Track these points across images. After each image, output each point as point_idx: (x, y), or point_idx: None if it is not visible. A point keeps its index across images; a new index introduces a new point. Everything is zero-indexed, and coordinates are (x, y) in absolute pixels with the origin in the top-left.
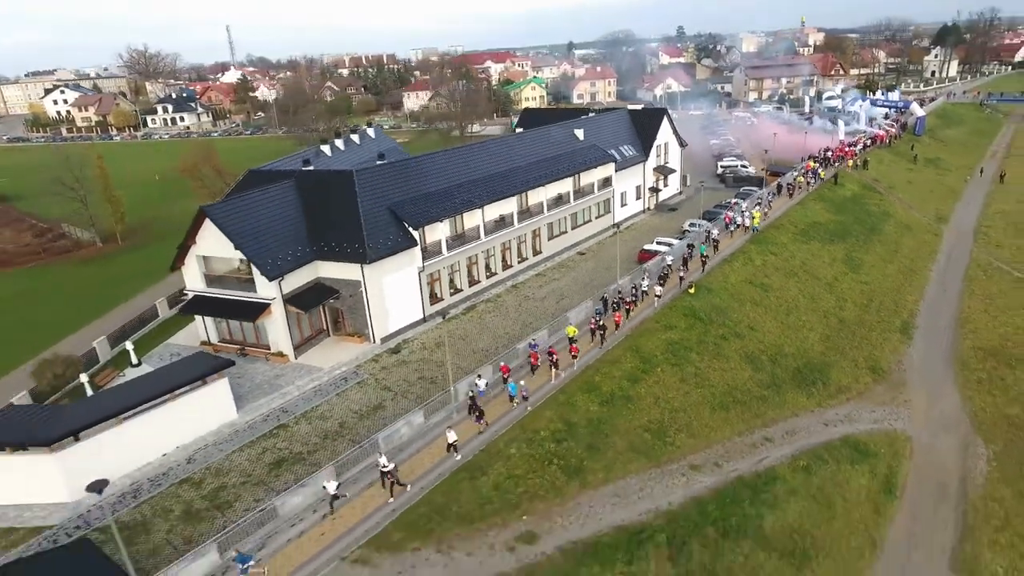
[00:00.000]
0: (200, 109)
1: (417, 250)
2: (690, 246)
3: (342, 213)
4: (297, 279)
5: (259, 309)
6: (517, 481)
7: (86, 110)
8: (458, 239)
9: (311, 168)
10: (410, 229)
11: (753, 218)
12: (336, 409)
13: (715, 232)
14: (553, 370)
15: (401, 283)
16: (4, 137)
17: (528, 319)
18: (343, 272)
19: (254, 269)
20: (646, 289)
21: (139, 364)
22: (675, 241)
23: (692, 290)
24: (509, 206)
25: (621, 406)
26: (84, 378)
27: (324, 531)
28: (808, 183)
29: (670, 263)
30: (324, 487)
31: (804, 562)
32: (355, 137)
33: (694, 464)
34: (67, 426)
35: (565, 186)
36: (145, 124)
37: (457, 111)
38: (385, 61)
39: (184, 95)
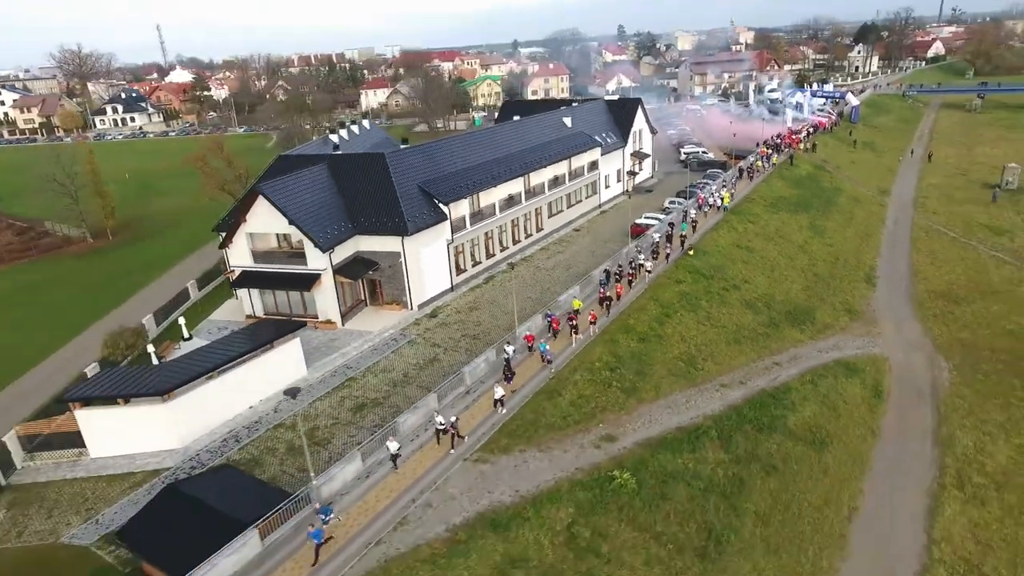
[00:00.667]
0: (151, 109)
1: (447, 224)
2: (671, 224)
3: (378, 191)
4: (341, 252)
5: (312, 280)
6: (587, 399)
7: (28, 111)
8: (477, 215)
9: (340, 152)
10: (440, 205)
11: (723, 198)
12: (396, 363)
13: (692, 213)
14: (573, 335)
15: (434, 254)
16: None
17: (544, 285)
18: (383, 245)
19: (306, 242)
20: (642, 262)
21: (190, 338)
22: (662, 216)
23: (691, 252)
24: (517, 186)
25: (655, 343)
26: (151, 348)
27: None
28: (763, 166)
29: (658, 239)
30: (387, 446)
31: (822, 447)
32: (355, 128)
33: (723, 383)
34: (173, 380)
35: (561, 168)
36: (93, 125)
37: (426, 107)
38: (335, 60)
39: (133, 95)
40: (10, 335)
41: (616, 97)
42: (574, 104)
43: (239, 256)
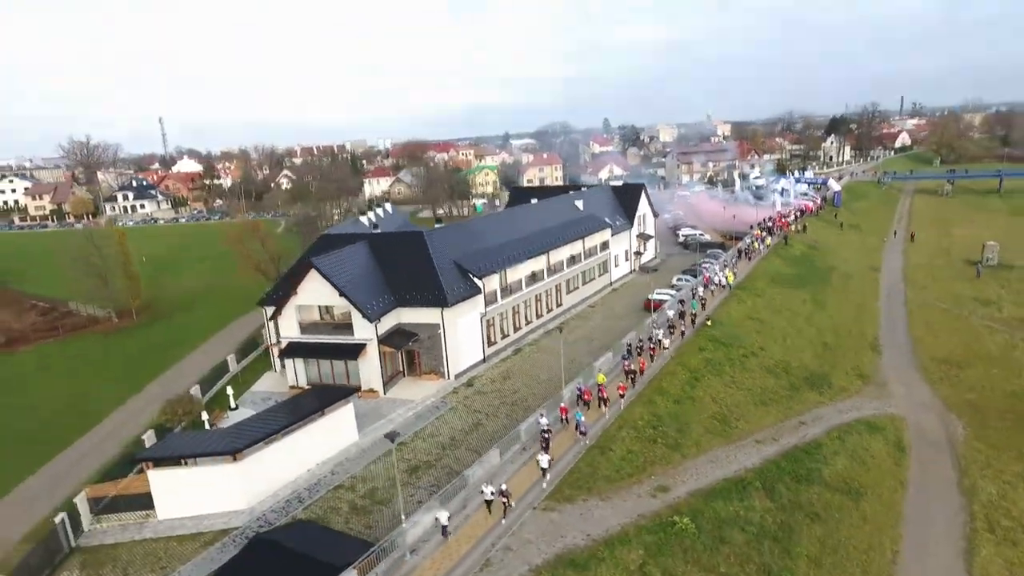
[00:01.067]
0: (160, 197)
1: (481, 297)
2: (681, 302)
3: (417, 266)
4: (384, 323)
5: (358, 349)
6: (636, 454)
7: (40, 198)
8: (506, 290)
9: (379, 231)
10: (474, 279)
11: (727, 277)
12: (442, 429)
13: (700, 291)
14: (604, 406)
15: (469, 326)
16: None
17: (569, 357)
18: (422, 317)
19: (353, 313)
20: (660, 338)
21: (236, 408)
22: (674, 292)
23: (710, 323)
24: (540, 263)
25: (689, 404)
26: (205, 415)
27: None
28: (759, 247)
29: (671, 316)
30: (436, 518)
31: (859, 497)
32: (380, 212)
33: (757, 440)
34: (241, 442)
35: (576, 248)
36: (103, 211)
37: (428, 194)
38: (336, 151)
39: (143, 183)
40: (55, 407)
41: (620, 183)
42: (583, 189)
43: (287, 328)
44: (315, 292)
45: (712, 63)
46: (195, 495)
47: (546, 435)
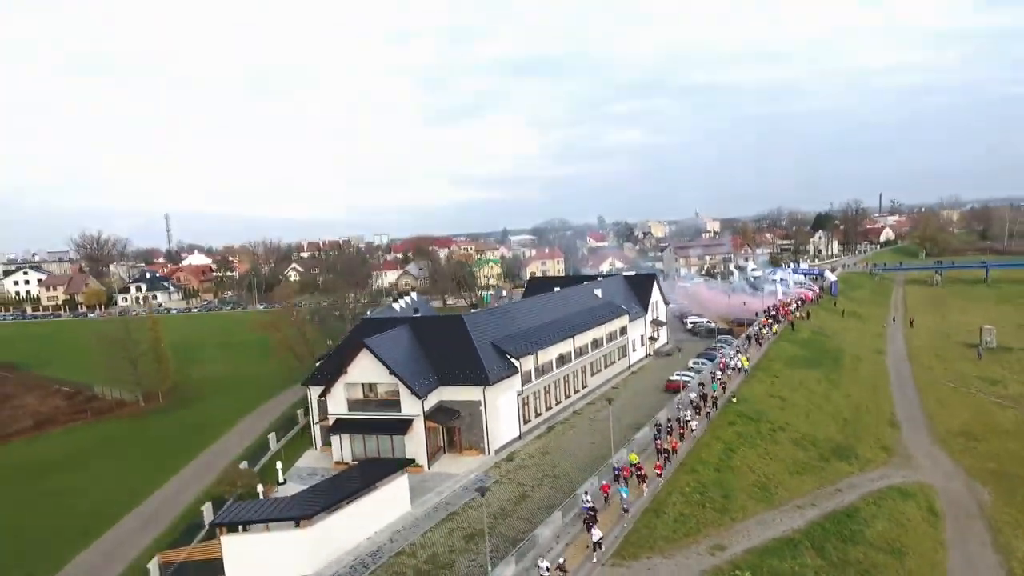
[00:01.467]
0: (172, 288)
1: (518, 376)
2: (701, 384)
3: (458, 347)
4: (428, 401)
5: (406, 425)
6: (687, 517)
7: (54, 289)
8: (539, 371)
9: (420, 315)
10: (511, 359)
11: (742, 361)
12: (490, 500)
13: (719, 374)
14: (642, 484)
15: (507, 404)
16: None
17: (602, 434)
18: (464, 395)
19: (402, 390)
20: (688, 419)
21: (284, 482)
22: (693, 374)
23: (735, 400)
24: (567, 346)
25: (728, 472)
26: (260, 488)
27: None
28: (767, 333)
29: (694, 397)
30: (538, 565)
31: (902, 556)
32: (407, 300)
33: (798, 505)
34: (307, 511)
35: (599, 332)
36: (115, 302)
37: (435, 286)
38: (342, 246)
39: (156, 276)
40: (98, 486)
41: (633, 273)
42: (599, 278)
43: (335, 405)
44: (365, 370)
45: (696, 164)
46: (265, 560)
47: (593, 512)
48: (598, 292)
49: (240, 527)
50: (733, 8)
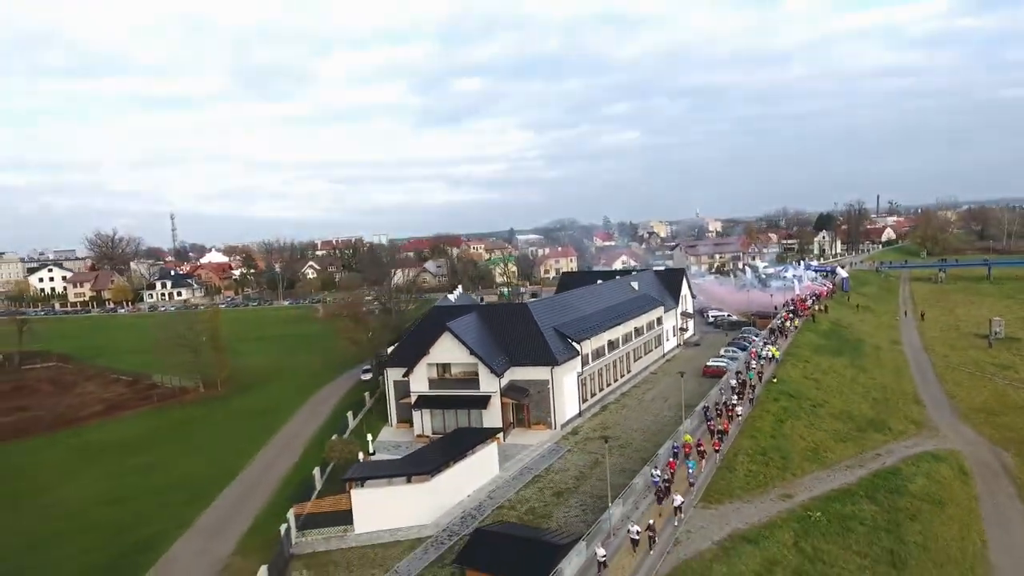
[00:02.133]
0: (196, 285)
1: (579, 359)
2: (738, 372)
3: (525, 332)
4: (503, 380)
5: (485, 400)
6: (755, 473)
7: (81, 286)
8: (594, 354)
9: (485, 303)
10: (573, 343)
11: (772, 352)
12: (568, 465)
13: (754, 363)
14: (701, 460)
15: (570, 384)
16: None
17: (653, 413)
18: (532, 374)
19: (481, 368)
20: (735, 404)
21: (374, 453)
22: (727, 360)
23: (775, 380)
24: (616, 333)
25: (782, 439)
26: (361, 456)
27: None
28: (789, 326)
29: (734, 384)
30: (629, 529)
31: (942, 505)
32: (455, 294)
33: (847, 465)
34: (428, 466)
35: (640, 322)
36: (141, 299)
37: (454, 283)
38: (355, 244)
39: (180, 273)
40: (188, 459)
41: (663, 268)
42: (633, 272)
43: (417, 384)
44: (446, 351)
45: (694, 165)
46: (389, 511)
47: (667, 483)
48: (635, 285)
49: (364, 482)
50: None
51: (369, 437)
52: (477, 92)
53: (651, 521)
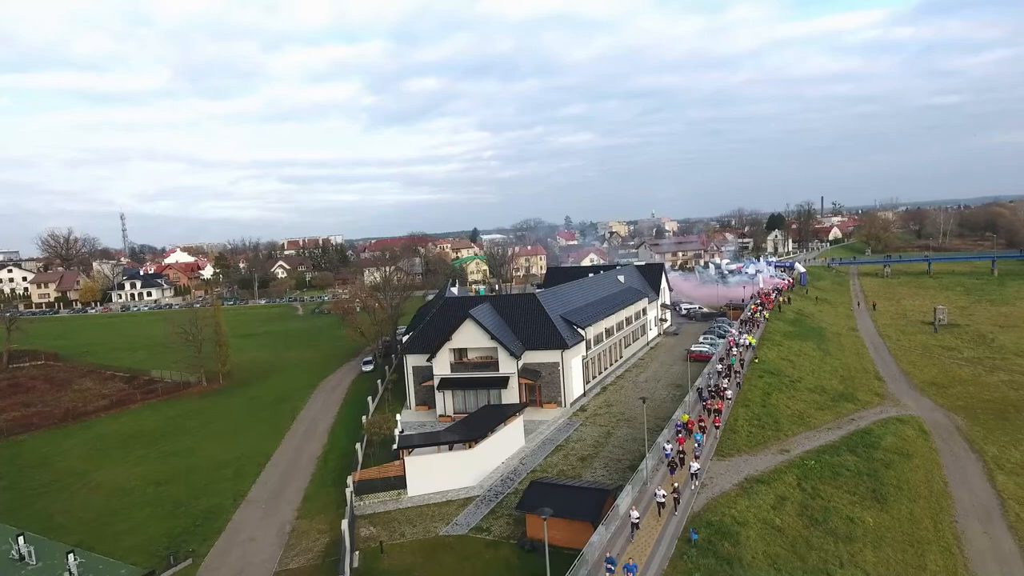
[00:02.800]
0: (165, 285)
1: (583, 343)
2: (721, 359)
3: (536, 319)
4: (519, 363)
5: (505, 380)
6: (754, 434)
7: (45, 287)
8: (595, 340)
9: (496, 294)
10: (579, 329)
11: (749, 340)
12: (584, 436)
13: (735, 350)
14: (703, 435)
15: (576, 366)
16: None
17: (648, 391)
18: (543, 357)
19: (500, 352)
20: (725, 387)
21: (403, 431)
22: (707, 346)
23: (757, 360)
24: (611, 321)
25: (772, 407)
26: (396, 432)
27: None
28: (759, 317)
29: (720, 368)
30: (630, 515)
31: (909, 457)
32: (455, 289)
33: (828, 427)
34: (472, 436)
35: (629, 312)
36: (109, 299)
37: (432, 280)
38: (323, 244)
39: (150, 273)
40: (216, 445)
41: (644, 263)
42: (617, 267)
43: (439, 367)
44: (468, 337)
45: (649, 166)
46: (438, 475)
47: (681, 455)
48: (621, 278)
49: (413, 450)
50: (676, 15)
51: (398, 417)
52: (432, 92)
53: (675, 484)
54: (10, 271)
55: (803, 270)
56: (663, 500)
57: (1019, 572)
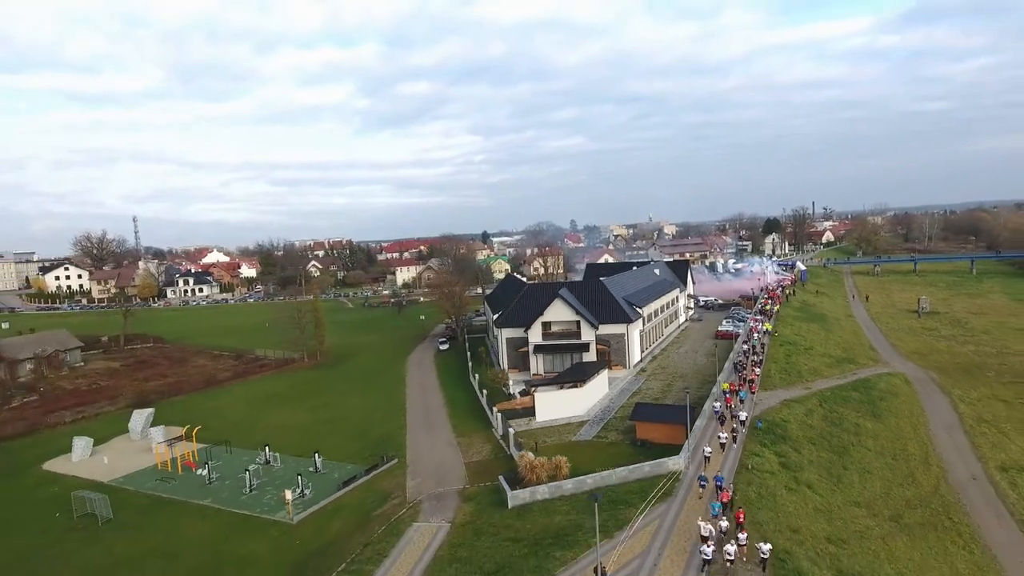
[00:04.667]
0: (213, 282)
1: (641, 320)
2: (745, 342)
3: (604, 300)
4: (593, 333)
5: (587, 345)
6: (783, 378)
7: (105, 283)
8: (647, 318)
9: (571, 280)
10: (637, 308)
11: (766, 327)
12: (651, 387)
13: (755, 336)
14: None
15: (636, 337)
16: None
17: (690, 361)
18: (612, 330)
19: (582, 324)
20: (753, 360)
21: (508, 384)
22: (733, 327)
23: (776, 334)
24: (656, 304)
25: (792, 364)
26: (509, 381)
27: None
28: (770, 308)
29: (745, 349)
30: (703, 449)
31: (897, 396)
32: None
33: (838, 377)
34: (582, 377)
35: (666, 299)
36: (163, 295)
37: (456, 278)
38: (348, 244)
39: (200, 272)
40: (360, 398)
41: (669, 259)
42: (651, 262)
43: (533, 336)
44: (556, 313)
45: (641, 170)
46: (558, 406)
47: (729, 410)
48: (656, 272)
49: (538, 388)
50: (668, 22)
51: (509, 373)
52: (425, 95)
53: (735, 426)
54: (66, 269)
55: (804, 268)
56: (724, 440)
57: (969, 455)
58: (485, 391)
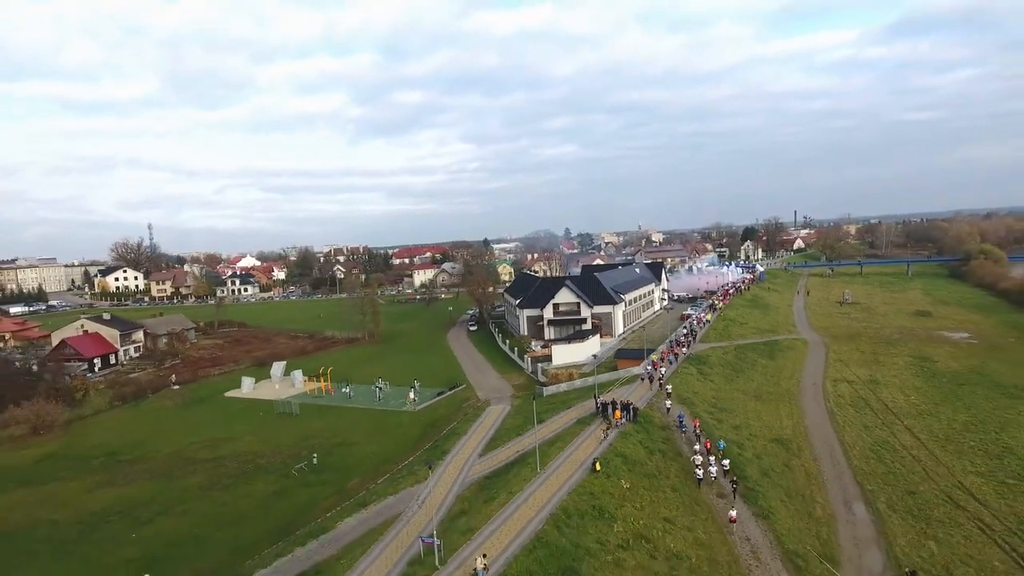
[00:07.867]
0: (256, 283)
1: (624, 303)
2: (697, 318)
3: (597, 288)
4: (589, 312)
5: (585, 320)
6: (717, 337)
7: (162, 284)
8: (628, 303)
9: (571, 275)
10: (621, 295)
11: (707, 316)
12: (628, 346)
13: (706, 316)
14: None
15: (619, 316)
16: (64, 306)
17: (660, 333)
18: (603, 309)
19: (582, 305)
20: (695, 330)
21: (532, 346)
22: (694, 311)
23: (721, 318)
24: (634, 294)
25: (727, 332)
26: (533, 343)
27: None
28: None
29: (693, 322)
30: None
31: (792, 350)
32: (520, 272)
33: (761, 338)
34: (583, 336)
35: (644, 290)
36: (214, 294)
37: (468, 281)
38: (367, 251)
39: (244, 273)
40: (417, 364)
41: (649, 261)
42: (633, 263)
43: (547, 313)
44: (563, 296)
45: (633, 179)
46: (567, 355)
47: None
48: (638, 270)
49: (555, 343)
50: (661, 32)
51: (533, 341)
52: (418, 104)
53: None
54: (124, 271)
55: (762, 269)
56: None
57: (820, 376)
58: (516, 348)
